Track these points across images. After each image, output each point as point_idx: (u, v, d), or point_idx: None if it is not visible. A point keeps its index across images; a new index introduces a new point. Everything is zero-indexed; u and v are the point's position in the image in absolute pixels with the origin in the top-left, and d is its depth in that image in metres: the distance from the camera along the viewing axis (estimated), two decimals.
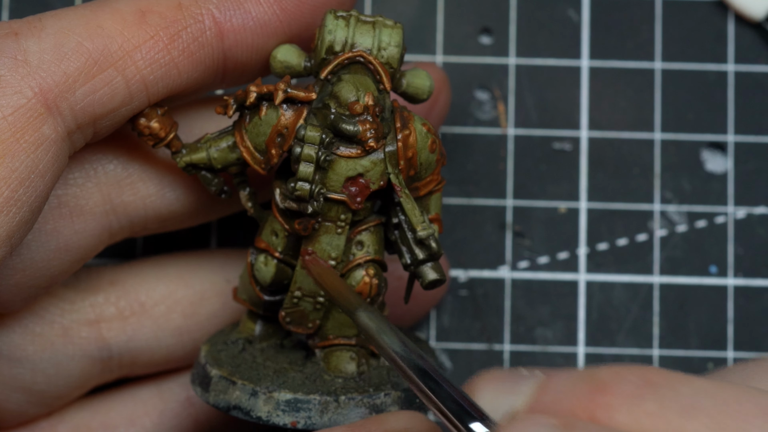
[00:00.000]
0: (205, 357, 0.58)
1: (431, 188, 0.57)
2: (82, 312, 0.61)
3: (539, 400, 0.46)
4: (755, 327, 0.67)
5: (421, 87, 0.57)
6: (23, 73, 0.52)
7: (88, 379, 0.62)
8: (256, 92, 0.55)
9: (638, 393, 0.44)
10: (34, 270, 0.57)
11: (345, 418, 0.55)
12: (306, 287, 0.56)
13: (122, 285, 0.62)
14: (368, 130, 0.54)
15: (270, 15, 0.56)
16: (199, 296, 0.62)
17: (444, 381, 0.47)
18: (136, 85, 0.54)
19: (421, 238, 0.55)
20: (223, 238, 0.68)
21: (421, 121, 0.56)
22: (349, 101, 0.54)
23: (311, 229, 0.55)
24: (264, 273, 0.57)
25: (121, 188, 0.58)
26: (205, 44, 0.55)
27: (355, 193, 0.55)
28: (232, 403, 0.56)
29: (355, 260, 0.56)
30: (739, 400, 0.44)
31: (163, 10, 0.54)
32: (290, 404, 0.55)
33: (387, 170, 0.55)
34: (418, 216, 0.55)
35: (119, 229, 0.59)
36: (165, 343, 0.62)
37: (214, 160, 0.57)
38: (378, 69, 0.55)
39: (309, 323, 0.57)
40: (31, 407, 0.61)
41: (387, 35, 0.56)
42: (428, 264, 0.56)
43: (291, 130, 0.55)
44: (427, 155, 0.56)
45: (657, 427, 0.44)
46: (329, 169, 0.55)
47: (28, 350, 0.60)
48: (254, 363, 0.57)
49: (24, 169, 0.52)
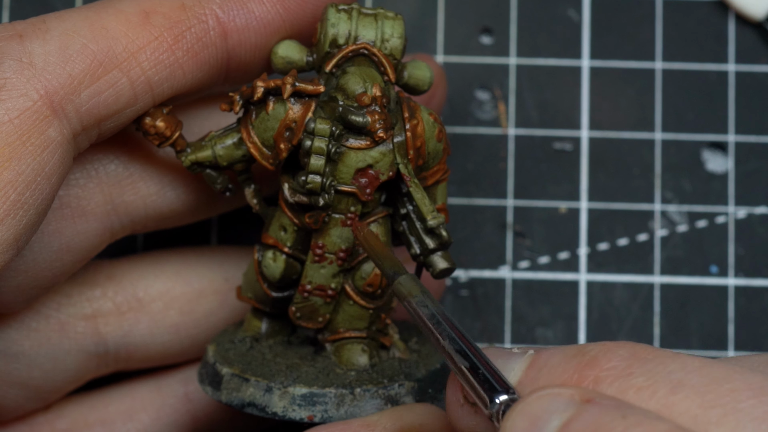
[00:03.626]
0: (213, 356, 0.58)
1: (438, 177, 0.57)
2: (78, 306, 0.61)
3: (529, 375, 0.47)
4: (756, 327, 0.67)
5: (422, 78, 0.57)
6: (29, 75, 0.52)
7: (84, 374, 0.62)
8: (264, 87, 0.55)
9: (627, 368, 0.44)
10: (37, 271, 0.57)
11: (361, 410, 0.55)
12: (317, 281, 0.56)
13: (120, 280, 0.62)
14: (377, 121, 0.54)
15: (273, 14, 0.56)
16: (196, 293, 0.62)
17: (473, 351, 0.48)
18: (140, 87, 0.54)
19: (431, 227, 0.56)
20: (223, 235, 0.68)
21: (427, 111, 0.56)
22: (356, 93, 0.54)
23: (322, 222, 0.55)
24: (273, 269, 0.57)
25: (123, 188, 0.58)
26: (209, 44, 0.55)
27: (365, 184, 0.55)
28: (246, 400, 0.56)
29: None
30: (729, 378, 0.43)
31: (166, 10, 0.54)
32: (306, 398, 0.55)
33: (396, 161, 0.55)
34: (428, 205, 0.56)
35: (120, 229, 0.59)
36: (161, 339, 0.62)
37: (219, 158, 0.57)
38: (382, 61, 0.55)
39: (319, 317, 0.57)
40: (27, 402, 0.61)
41: (389, 27, 0.56)
42: (438, 253, 0.56)
43: (300, 123, 0.55)
44: (435, 144, 0.56)
45: (645, 401, 0.44)
46: (339, 161, 0.55)
47: (24, 345, 0.60)
48: (264, 360, 0.57)
49: (30, 172, 0.51)
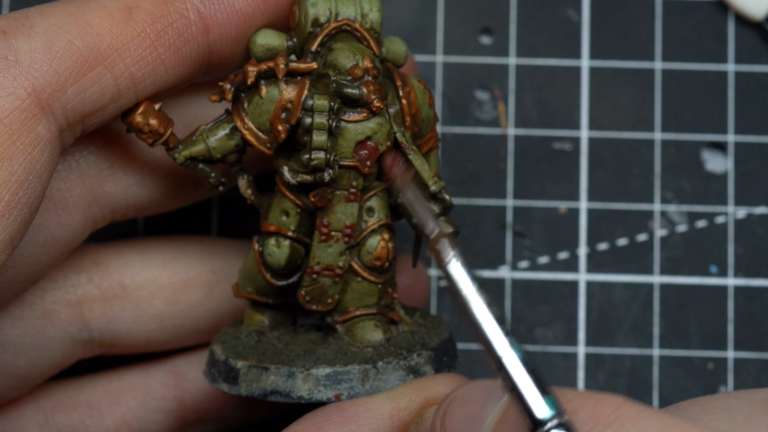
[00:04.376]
0: (224, 353, 0.57)
1: (431, 145, 0.58)
2: (63, 291, 0.60)
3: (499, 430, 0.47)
4: (755, 327, 0.67)
5: (398, 52, 0.58)
6: (15, 73, 0.52)
7: (68, 360, 0.62)
8: (256, 71, 0.55)
9: (590, 430, 0.44)
10: (24, 266, 0.57)
11: (385, 383, 0.55)
12: (324, 260, 0.56)
13: (106, 266, 0.61)
14: (372, 92, 0.55)
15: (253, 7, 0.56)
16: (183, 284, 0.62)
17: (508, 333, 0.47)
18: (124, 83, 0.54)
19: (434, 192, 0.56)
20: (223, 224, 0.68)
21: (415, 78, 0.57)
22: (348, 67, 0.55)
23: (327, 199, 0.55)
24: (278, 256, 0.57)
25: (103, 179, 0.58)
26: (190, 39, 0.55)
27: (365, 156, 0.55)
28: (269, 389, 0.55)
29: (369, 227, 0.56)
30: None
31: (148, 6, 0.54)
32: (330, 377, 0.55)
33: (393, 130, 0.55)
34: (428, 171, 0.56)
35: (101, 218, 0.59)
36: (145, 328, 0.62)
37: (213, 150, 0.57)
38: (365, 35, 0.56)
39: (329, 299, 0.57)
40: (13, 390, 0.61)
41: (367, 2, 0.56)
42: (441, 218, 0.56)
43: (296, 103, 0.55)
44: (427, 110, 0.57)
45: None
46: (339, 136, 0.55)
47: (10, 334, 0.59)
48: (277, 349, 0.57)
49: (22, 171, 0.51)
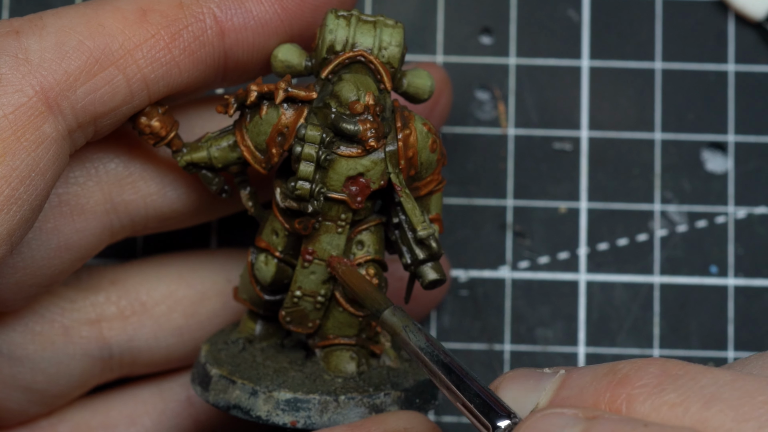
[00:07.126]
0: (205, 356, 0.58)
1: (432, 188, 0.57)
2: (82, 311, 0.61)
3: (561, 395, 0.47)
4: (755, 327, 0.67)
5: (422, 87, 0.57)
6: (24, 71, 0.52)
7: (88, 378, 0.62)
8: (257, 91, 0.55)
9: (658, 385, 0.45)
10: (35, 268, 0.57)
11: (344, 417, 0.55)
12: (306, 287, 0.56)
13: (123, 284, 0.62)
14: (368, 130, 0.54)
15: (271, 14, 0.56)
16: (200, 296, 0.62)
17: (469, 378, 0.48)
18: (137, 84, 0.54)
19: (421, 238, 0.56)
20: (223, 238, 0.68)
21: (421, 120, 0.56)
22: (349, 100, 0.54)
23: (311, 228, 0.55)
24: (264, 272, 0.57)
25: (122, 187, 0.58)
26: (206, 43, 0.55)
27: (355, 192, 0.55)
28: (232, 403, 0.56)
29: (356, 260, 0.56)
30: (762, 391, 0.43)
31: (164, 8, 0.54)
32: (290, 404, 0.55)
33: (387, 170, 0.55)
34: (418, 216, 0.56)
35: (120, 228, 0.59)
36: (165, 342, 0.62)
37: (214, 159, 0.57)
38: (379, 68, 0.55)
39: (309, 323, 0.57)
40: (31, 406, 0.61)
41: (388, 35, 0.56)
42: (428, 264, 0.56)
43: (291, 129, 0.55)
44: (428, 155, 0.56)
45: (678, 417, 0.44)
46: (330, 168, 0.55)
47: (28, 349, 0.60)
48: (254, 362, 0.57)
49: (25, 167, 0.52)
